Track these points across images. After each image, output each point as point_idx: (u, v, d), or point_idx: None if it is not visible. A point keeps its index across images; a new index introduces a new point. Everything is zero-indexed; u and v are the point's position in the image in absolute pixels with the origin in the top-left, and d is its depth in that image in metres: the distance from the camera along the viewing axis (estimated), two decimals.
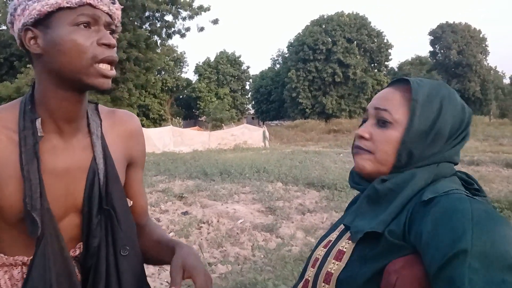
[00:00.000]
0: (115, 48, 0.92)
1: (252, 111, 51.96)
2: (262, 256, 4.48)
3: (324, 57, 40.03)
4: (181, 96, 47.07)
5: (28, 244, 0.90)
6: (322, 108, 40.28)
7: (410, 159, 0.89)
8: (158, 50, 26.95)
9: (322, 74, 39.94)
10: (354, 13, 42.51)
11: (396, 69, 49.84)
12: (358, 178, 0.99)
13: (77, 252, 0.98)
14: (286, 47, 45.80)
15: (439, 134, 0.88)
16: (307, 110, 40.70)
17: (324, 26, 41.05)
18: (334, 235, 0.97)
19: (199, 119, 43.97)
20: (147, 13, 23.94)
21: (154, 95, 37.91)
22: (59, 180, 0.93)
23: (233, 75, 46.50)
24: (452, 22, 47.55)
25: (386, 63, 44.39)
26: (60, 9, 0.86)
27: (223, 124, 30.04)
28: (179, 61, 43.90)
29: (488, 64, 47.91)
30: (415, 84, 0.91)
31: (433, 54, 49.30)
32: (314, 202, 7.09)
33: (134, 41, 22.33)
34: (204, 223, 5.81)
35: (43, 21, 0.87)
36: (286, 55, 45.94)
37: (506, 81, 51.59)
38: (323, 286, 0.87)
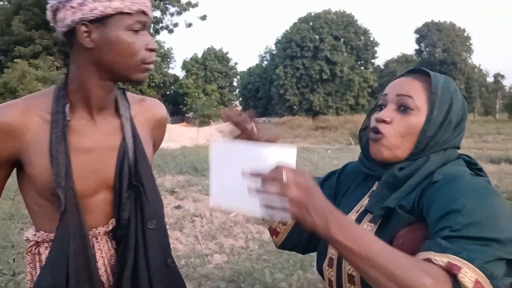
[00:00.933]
0: None
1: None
2: (257, 247, 4.57)
3: (311, 54, 40.27)
4: (168, 92, 46.84)
5: None
6: (309, 105, 40.53)
7: (427, 146, 0.96)
8: None
9: (310, 71, 40.19)
10: (341, 11, 42.90)
11: (382, 67, 50.29)
12: (369, 164, 1.05)
13: (110, 227, 1.05)
14: (274, 44, 46.01)
15: (450, 124, 0.96)
16: (294, 107, 40.92)
17: (311, 24, 41.29)
18: (353, 216, 1.02)
19: (186, 115, 43.81)
20: None
21: (141, 91, 37.66)
22: (88, 159, 1.01)
23: (221, 72, 46.44)
24: (437, 21, 48.29)
25: (372, 60, 44.91)
26: (119, 12, 0.95)
27: (211, 121, 30.02)
28: (166, 57, 43.64)
29: (472, 62, 48.79)
30: (435, 77, 0.98)
31: (418, 52, 49.95)
32: None
33: None
34: (197, 216, 5.87)
35: (101, 19, 0.95)
36: (274, 52, 46.07)
37: (490, 79, 52.44)
38: (349, 286, 0.95)
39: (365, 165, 1.06)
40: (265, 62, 50.29)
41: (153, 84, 39.90)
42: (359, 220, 0.99)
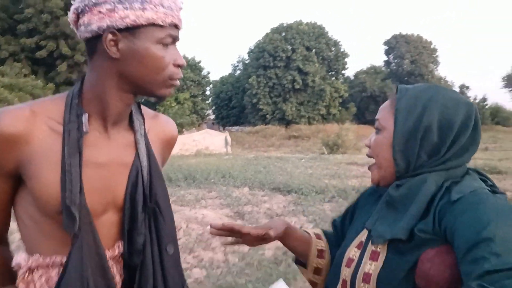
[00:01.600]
0: None
1: (212, 117, 51.78)
2: (237, 260, 4.52)
3: (284, 64, 40.63)
4: (139, 101, 46.05)
5: (65, 241, 0.89)
6: (282, 114, 40.78)
7: (408, 163, 0.94)
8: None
9: (282, 81, 40.51)
10: (313, 22, 43.56)
11: (352, 78, 51.24)
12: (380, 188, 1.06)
13: (116, 251, 0.96)
14: (247, 53, 46.19)
15: (429, 132, 0.92)
16: (267, 116, 41.08)
17: (283, 34, 41.72)
18: (364, 236, 1.01)
19: None
20: None
21: None
22: (99, 175, 0.93)
23: (193, 80, 46.14)
24: (405, 33, 49.64)
25: (343, 71, 45.74)
26: (151, 24, 0.89)
27: (183, 129, 29.77)
28: None
29: (438, 74, 50.35)
30: (401, 91, 0.99)
31: (387, 63, 51.20)
32: (282, 207, 7.19)
33: None
34: None
35: (131, 29, 0.88)
36: (247, 62, 46.23)
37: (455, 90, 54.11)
38: (362, 285, 0.93)
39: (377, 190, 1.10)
40: (238, 71, 50.37)
41: None
42: (368, 239, 0.99)
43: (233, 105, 47.41)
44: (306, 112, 41.36)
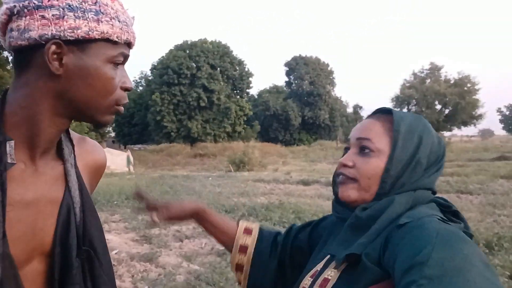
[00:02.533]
0: None
1: (113, 134, 49.47)
2: (146, 287, 4.25)
3: (189, 82, 40.41)
4: None
5: None
6: (187, 132, 40.35)
7: (393, 187, 0.92)
8: (8, 67, 24.13)
9: (187, 98, 40.21)
10: (217, 41, 44.02)
11: (256, 97, 52.65)
12: (339, 208, 1.01)
13: None
14: (150, 69, 45.13)
15: (419, 164, 0.92)
16: (172, 133, 40.36)
17: (188, 52, 41.60)
18: (320, 265, 0.97)
19: None
20: None
21: None
22: (25, 216, 0.76)
23: None
24: (304, 55, 52.44)
25: (247, 90, 46.67)
26: (105, 39, 0.76)
27: None
28: None
29: (335, 94, 53.73)
30: (397, 115, 0.96)
31: (288, 83, 53.51)
32: (192, 228, 6.98)
33: None
34: None
35: (80, 43, 0.75)
36: (150, 78, 45.19)
37: (350, 109, 58.37)
38: None
39: (335, 209, 1.03)
40: (140, 88, 49.00)
41: None
42: (325, 267, 0.93)
43: (135, 122, 45.87)
44: (212, 130, 41.42)
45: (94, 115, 0.80)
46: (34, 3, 0.72)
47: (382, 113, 1.01)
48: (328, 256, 0.97)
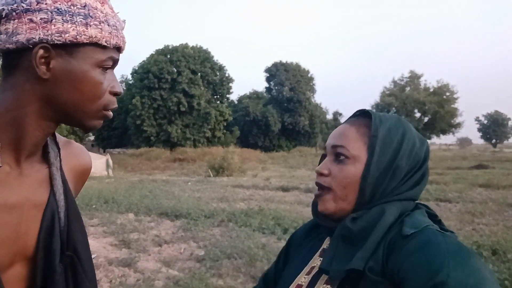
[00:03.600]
0: None
1: (92, 138, 48.72)
2: None
3: (169, 86, 40.18)
4: None
5: None
6: (167, 137, 40.06)
7: (374, 195, 0.89)
8: None
9: (168, 103, 39.96)
10: (198, 46, 43.93)
11: (236, 102, 52.65)
12: (320, 218, 0.98)
13: None
14: (131, 73, 44.67)
15: (398, 169, 0.89)
16: (152, 138, 39.99)
17: (169, 56, 41.39)
18: (303, 279, 0.92)
19: None
20: None
21: None
22: (8, 220, 0.75)
23: None
24: (285, 61, 52.71)
25: (227, 95, 46.63)
26: (94, 43, 0.76)
27: None
28: None
29: (315, 101, 54.11)
30: (376, 119, 0.92)
31: (268, 89, 53.66)
32: (171, 233, 6.97)
33: None
34: None
35: (68, 47, 0.74)
36: (130, 82, 44.73)
37: (329, 116, 58.93)
38: None
39: (317, 215, 0.99)
40: None
41: None
42: (313, 282, 0.89)
43: (115, 126, 45.26)
44: (191, 134, 41.22)
45: (81, 119, 0.80)
46: (22, 6, 0.72)
47: (360, 116, 0.98)
48: (312, 268, 0.94)
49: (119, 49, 0.82)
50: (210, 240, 6.31)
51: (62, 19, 0.73)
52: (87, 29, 0.74)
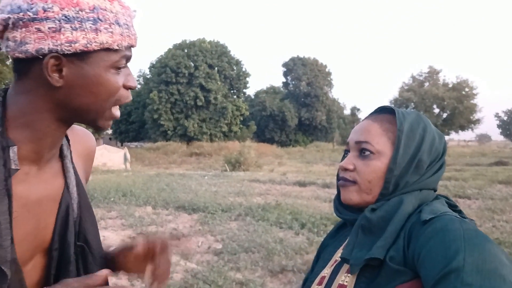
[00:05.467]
0: None
1: (110, 131, 49.33)
2: (144, 286, 4.26)
3: (186, 81, 40.37)
4: None
5: None
6: (184, 131, 40.31)
7: (397, 187, 0.92)
8: (8, 62, 24.08)
9: (185, 97, 40.17)
10: (215, 40, 43.99)
11: (253, 97, 52.66)
12: (342, 208, 1.01)
13: None
14: (148, 68, 45.08)
15: (421, 162, 0.92)
16: (169, 132, 40.31)
17: (186, 51, 41.55)
18: (326, 271, 0.96)
19: None
20: None
21: None
22: (30, 218, 0.76)
23: None
24: (302, 56, 52.48)
25: (244, 90, 46.63)
26: (105, 48, 0.74)
27: None
28: None
29: (332, 96, 53.77)
30: (400, 114, 0.95)
31: (285, 84, 53.56)
32: (188, 226, 7.00)
33: None
34: None
35: (80, 54, 0.72)
36: (148, 76, 45.12)
37: (347, 111, 58.49)
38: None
39: (338, 209, 1.02)
40: (138, 86, 48.90)
41: None
42: (335, 272, 0.92)
43: (133, 120, 45.77)
44: (208, 129, 41.40)
45: (95, 119, 0.79)
46: (29, 15, 0.69)
47: (381, 112, 1.01)
48: (335, 260, 0.96)
49: (132, 46, 0.80)
50: (228, 234, 6.31)
51: (71, 27, 0.70)
52: (97, 35, 0.72)
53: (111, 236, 6.16)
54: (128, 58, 0.79)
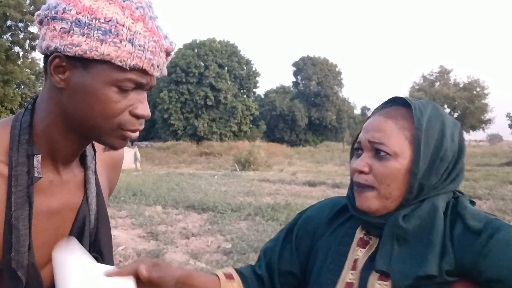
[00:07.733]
0: None
1: None
2: None
3: (196, 80, 40.47)
4: None
5: None
6: (194, 130, 40.42)
7: (421, 190, 0.85)
8: (19, 62, 24.44)
9: (195, 97, 40.28)
10: (225, 40, 44.05)
11: (263, 96, 52.61)
12: (360, 211, 0.91)
13: None
14: None
15: (445, 158, 0.85)
16: (179, 131, 40.45)
17: (196, 50, 41.65)
18: (351, 275, 0.88)
19: None
20: (9, 22, 21.80)
21: (11, 110, 33.85)
22: (50, 225, 0.79)
23: None
24: (312, 56, 52.31)
25: (254, 90, 46.61)
26: (107, 61, 0.72)
27: None
28: (41, 75, 40.11)
29: (342, 95, 53.51)
30: (417, 111, 0.86)
31: (295, 84, 53.40)
32: (198, 226, 7.02)
33: None
34: None
35: (83, 60, 0.73)
36: (158, 76, 45.26)
37: (357, 111, 58.24)
38: None
39: (355, 210, 0.92)
40: None
41: (26, 103, 36.20)
42: (364, 279, 0.86)
43: None
44: (218, 128, 41.46)
45: (99, 135, 0.78)
46: (52, 14, 0.72)
47: (393, 105, 0.92)
48: (358, 263, 0.89)
49: (146, 72, 0.76)
50: (237, 234, 6.31)
51: (80, 32, 0.71)
52: (101, 45, 0.71)
53: (121, 235, 6.19)
54: (138, 84, 0.76)
